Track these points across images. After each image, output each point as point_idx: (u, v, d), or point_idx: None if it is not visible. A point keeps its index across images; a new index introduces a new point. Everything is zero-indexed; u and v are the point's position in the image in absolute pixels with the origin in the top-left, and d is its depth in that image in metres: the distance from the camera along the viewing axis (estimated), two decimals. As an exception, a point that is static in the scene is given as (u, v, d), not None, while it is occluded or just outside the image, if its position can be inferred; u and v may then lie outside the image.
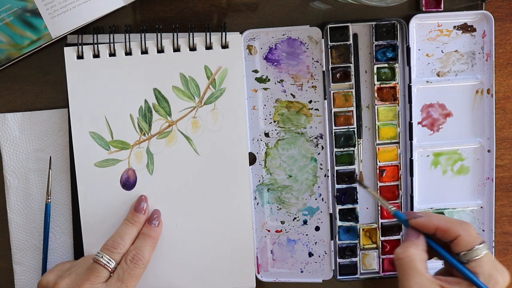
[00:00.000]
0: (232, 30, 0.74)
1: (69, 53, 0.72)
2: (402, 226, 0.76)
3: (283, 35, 0.75)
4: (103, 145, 0.73)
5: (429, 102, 0.76)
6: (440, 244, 0.67)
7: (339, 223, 0.77)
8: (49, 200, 0.74)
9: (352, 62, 0.75)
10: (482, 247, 0.65)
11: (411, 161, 0.76)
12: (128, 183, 0.74)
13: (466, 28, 0.76)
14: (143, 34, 0.72)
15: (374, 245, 0.77)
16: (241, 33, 0.74)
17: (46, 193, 0.75)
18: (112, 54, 0.72)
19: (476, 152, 0.77)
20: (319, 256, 0.77)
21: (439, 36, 0.76)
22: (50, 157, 0.75)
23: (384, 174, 0.76)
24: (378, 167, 0.76)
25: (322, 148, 0.76)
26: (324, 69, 0.75)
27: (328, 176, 0.76)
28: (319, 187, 0.77)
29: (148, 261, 0.70)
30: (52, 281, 0.69)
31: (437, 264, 0.72)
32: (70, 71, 0.72)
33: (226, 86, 0.73)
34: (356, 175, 0.76)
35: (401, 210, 0.77)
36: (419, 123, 0.76)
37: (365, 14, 0.75)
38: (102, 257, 0.68)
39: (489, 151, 0.77)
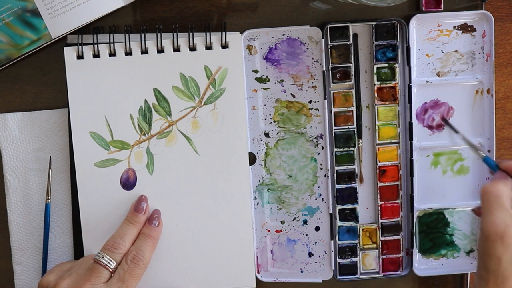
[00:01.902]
0: (232, 30, 0.74)
1: (69, 53, 0.72)
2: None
3: (283, 35, 0.75)
4: (103, 145, 0.73)
5: (429, 102, 0.76)
6: None
7: (339, 223, 0.77)
8: (49, 200, 0.74)
9: (352, 62, 0.75)
10: None
11: (411, 161, 0.76)
12: (128, 183, 0.74)
13: (466, 28, 0.76)
14: (143, 34, 0.72)
15: (374, 245, 0.77)
16: (241, 33, 0.74)
17: (46, 193, 0.75)
18: (112, 54, 0.72)
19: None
20: (319, 256, 0.77)
21: (439, 36, 0.76)
22: (50, 157, 0.75)
23: (384, 174, 0.76)
24: (378, 167, 0.76)
25: (322, 148, 0.76)
26: (324, 69, 0.75)
27: (328, 176, 0.76)
28: (319, 187, 0.77)
29: (148, 261, 0.70)
30: (52, 281, 0.69)
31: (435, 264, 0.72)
32: (70, 71, 0.72)
33: (226, 86, 0.73)
34: (445, 118, 0.75)
35: (401, 210, 0.77)
36: (419, 123, 0.76)
37: (365, 14, 0.75)
38: (102, 257, 0.68)
39: (489, 151, 0.77)
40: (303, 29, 0.74)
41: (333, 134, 0.75)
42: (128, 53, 0.72)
